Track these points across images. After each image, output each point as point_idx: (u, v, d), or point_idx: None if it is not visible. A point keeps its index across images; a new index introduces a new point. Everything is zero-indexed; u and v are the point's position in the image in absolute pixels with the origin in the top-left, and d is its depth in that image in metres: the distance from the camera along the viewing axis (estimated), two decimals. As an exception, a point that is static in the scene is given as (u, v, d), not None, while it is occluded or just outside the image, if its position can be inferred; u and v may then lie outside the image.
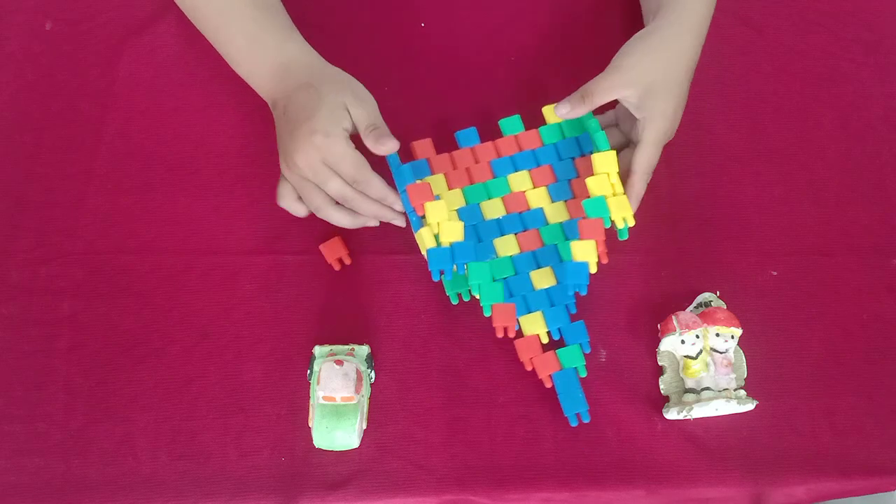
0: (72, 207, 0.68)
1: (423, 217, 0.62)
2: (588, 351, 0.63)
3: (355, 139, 0.62)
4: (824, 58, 0.79)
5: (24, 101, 0.71)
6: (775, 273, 0.69)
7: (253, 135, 0.71)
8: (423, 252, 0.63)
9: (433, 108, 0.73)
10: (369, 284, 0.67)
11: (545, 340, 0.63)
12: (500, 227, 0.67)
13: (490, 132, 0.70)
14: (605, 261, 0.62)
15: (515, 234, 0.66)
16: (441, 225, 0.62)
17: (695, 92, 0.68)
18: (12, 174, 0.69)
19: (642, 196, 0.65)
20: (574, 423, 0.61)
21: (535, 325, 0.63)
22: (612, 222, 0.63)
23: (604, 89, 0.64)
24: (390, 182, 0.65)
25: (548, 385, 0.62)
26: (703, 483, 0.62)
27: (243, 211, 0.69)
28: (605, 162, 0.64)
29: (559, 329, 0.63)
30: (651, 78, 0.64)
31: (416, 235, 0.64)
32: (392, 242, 0.68)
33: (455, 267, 0.62)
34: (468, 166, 0.69)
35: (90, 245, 0.67)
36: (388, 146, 0.61)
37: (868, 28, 0.80)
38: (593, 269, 0.61)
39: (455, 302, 0.65)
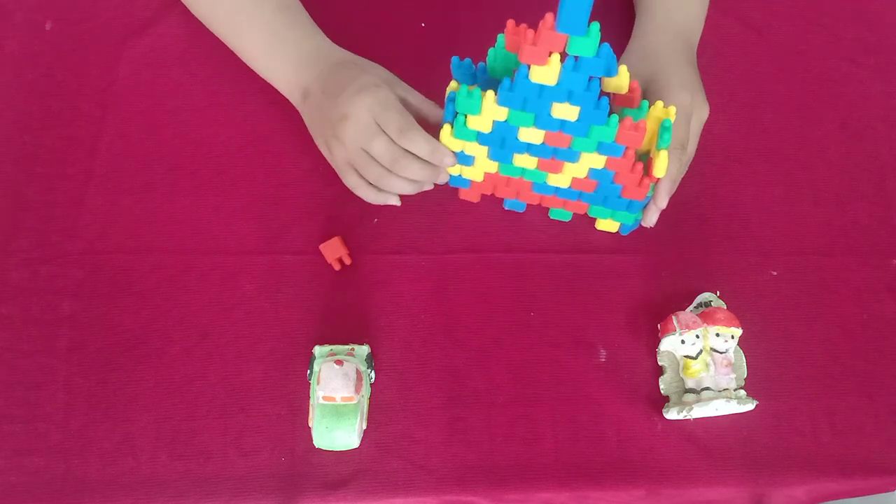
0: (72, 207, 0.68)
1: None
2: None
3: None
4: (824, 58, 0.79)
5: (24, 101, 0.71)
6: (775, 273, 0.69)
7: (253, 135, 0.71)
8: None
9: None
10: (369, 284, 0.67)
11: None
12: (528, 148, 0.62)
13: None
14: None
15: (539, 157, 0.62)
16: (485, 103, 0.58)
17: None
18: (12, 174, 0.69)
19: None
20: None
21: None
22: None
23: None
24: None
25: None
26: (704, 483, 0.62)
27: (243, 211, 0.69)
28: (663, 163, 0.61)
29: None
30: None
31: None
32: (392, 242, 0.68)
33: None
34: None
35: (90, 245, 0.67)
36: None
37: (868, 28, 0.80)
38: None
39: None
